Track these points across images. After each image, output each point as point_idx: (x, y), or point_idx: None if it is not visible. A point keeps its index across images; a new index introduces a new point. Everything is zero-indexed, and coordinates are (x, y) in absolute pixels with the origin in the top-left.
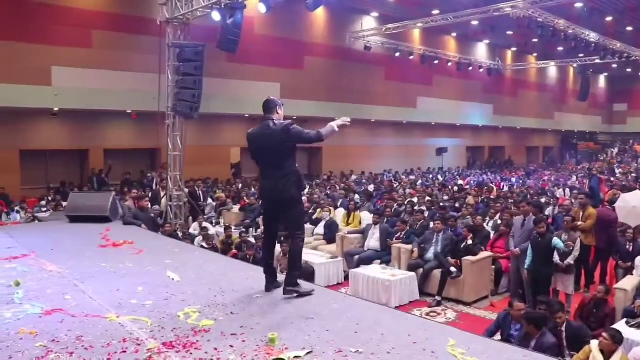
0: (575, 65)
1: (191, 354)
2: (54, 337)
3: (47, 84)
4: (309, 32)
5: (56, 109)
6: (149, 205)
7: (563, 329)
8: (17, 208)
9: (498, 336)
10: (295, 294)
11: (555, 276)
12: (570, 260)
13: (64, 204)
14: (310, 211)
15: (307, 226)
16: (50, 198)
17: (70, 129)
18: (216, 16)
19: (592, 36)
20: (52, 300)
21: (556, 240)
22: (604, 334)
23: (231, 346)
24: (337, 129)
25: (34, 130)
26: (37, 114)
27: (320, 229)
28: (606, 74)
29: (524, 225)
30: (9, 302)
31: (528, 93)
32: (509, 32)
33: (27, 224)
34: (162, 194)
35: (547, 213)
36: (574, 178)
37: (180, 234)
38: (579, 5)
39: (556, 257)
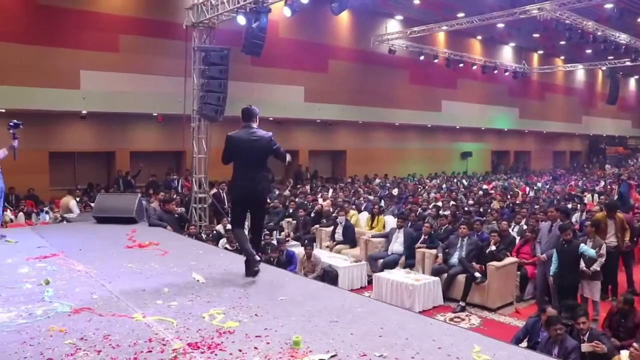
0: (604, 67)
1: (216, 354)
2: (82, 335)
3: (75, 88)
4: (333, 36)
5: (84, 111)
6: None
7: (585, 337)
8: (46, 209)
9: (525, 343)
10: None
11: (582, 282)
12: (596, 266)
13: (92, 204)
14: (333, 214)
15: (326, 230)
16: (78, 199)
17: (97, 131)
18: (241, 20)
19: (623, 37)
20: (80, 299)
21: (584, 247)
22: (635, 344)
23: (255, 348)
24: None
25: (62, 133)
26: (66, 116)
27: (339, 234)
28: (637, 77)
29: (551, 230)
30: (40, 299)
31: (555, 96)
32: (536, 35)
33: (56, 224)
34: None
35: (574, 219)
36: (602, 183)
37: (204, 236)
38: (609, 6)
39: (582, 264)
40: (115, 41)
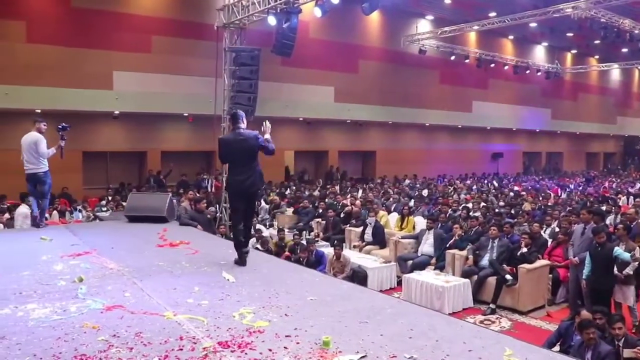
0: None
1: (246, 354)
2: (114, 332)
3: (108, 88)
4: (364, 36)
5: (117, 112)
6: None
7: (621, 343)
8: (79, 207)
9: (557, 347)
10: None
11: (615, 287)
12: (629, 270)
13: (124, 203)
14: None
15: (356, 230)
16: (110, 198)
17: (129, 132)
18: (272, 21)
19: None
20: (113, 297)
21: (618, 251)
22: None
23: (285, 347)
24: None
25: (95, 133)
26: (99, 117)
27: (368, 235)
28: None
29: (584, 233)
30: (74, 296)
31: (588, 97)
32: (569, 34)
33: (89, 222)
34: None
35: (608, 221)
36: (638, 185)
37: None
38: None
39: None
40: (147, 42)
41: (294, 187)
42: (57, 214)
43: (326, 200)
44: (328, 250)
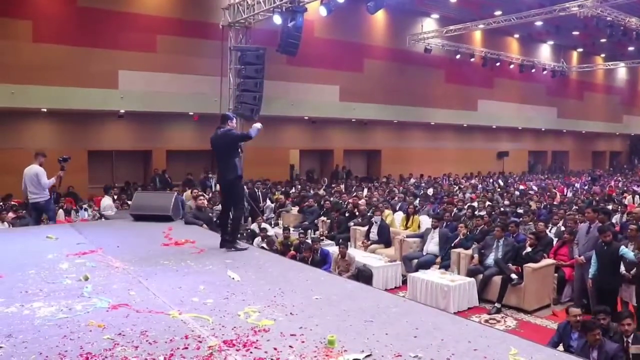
0: None
1: (251, 352)
2: (120, 330)
3: (114, 87)
4: (369, 35)
5: (122, 111)
6: (206, 204)
7: (630, 339)
8: (85, 206)
9: (561, 347)
10: (234, 249)
11: (622, 285)
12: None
13: (129, 202)
14: (368, 214)
15: (361, 229)
16: (115, 197)
17: (135, 131)
18: (277, 20)
19: None
20: (118, 296)
21: (624, 250)
22: None
23: (290, 346)
24: (260, 127)
25: (101, 132)
26: (105, 116)
27: (374, 234)
28: None
29: (589, 232)
30: (79, 295)
31: (594, 95)
32: (575, 32)
33: (95, 221)
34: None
35: (614, 220)
36: None
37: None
38: None
39: (622, 267)
40: (152, 41)
41: (299, 186)
42: (63, 212)
43: (331, 199)
44: (333, 249)
